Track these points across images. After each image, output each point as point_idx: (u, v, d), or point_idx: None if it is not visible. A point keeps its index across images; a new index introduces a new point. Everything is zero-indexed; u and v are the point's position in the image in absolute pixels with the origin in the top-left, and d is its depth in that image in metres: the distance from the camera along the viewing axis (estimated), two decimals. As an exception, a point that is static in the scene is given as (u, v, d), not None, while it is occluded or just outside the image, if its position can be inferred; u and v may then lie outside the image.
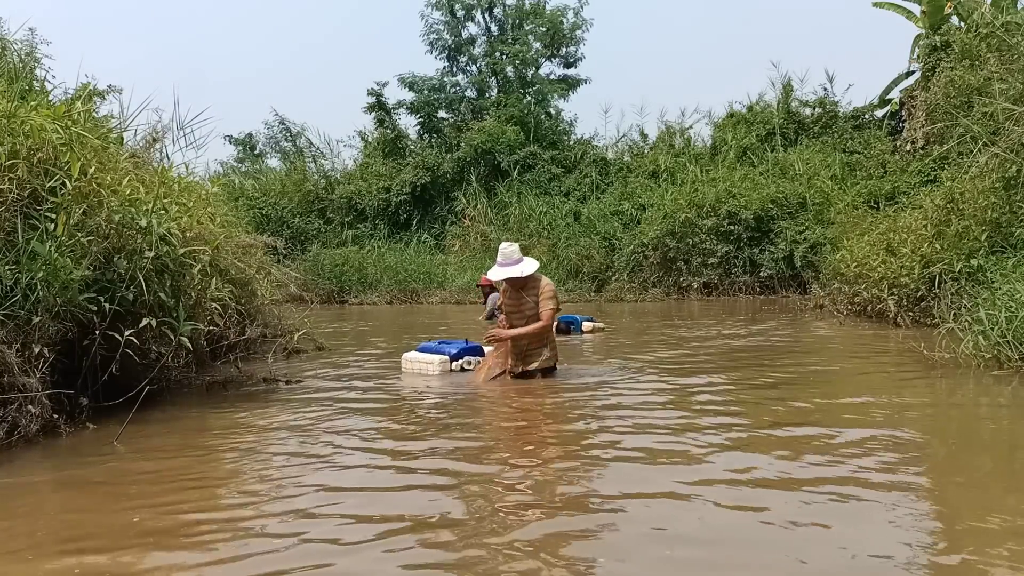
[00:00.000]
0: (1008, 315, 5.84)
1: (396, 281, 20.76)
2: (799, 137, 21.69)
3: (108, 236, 4.64)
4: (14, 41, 7.63)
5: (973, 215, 8.59)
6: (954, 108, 11.07)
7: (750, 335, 9.30)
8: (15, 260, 4.10)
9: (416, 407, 5.01)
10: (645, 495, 3.02)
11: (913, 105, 19.10)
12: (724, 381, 5.79)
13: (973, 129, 9.52)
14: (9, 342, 3.96)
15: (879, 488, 2.99)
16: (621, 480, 3.24)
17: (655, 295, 18.38)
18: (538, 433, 4.36)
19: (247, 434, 4.38)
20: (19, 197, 4.29)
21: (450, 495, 3.06)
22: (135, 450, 3.96)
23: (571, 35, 27.33)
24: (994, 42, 10.43)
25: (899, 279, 9.22)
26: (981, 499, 2.92)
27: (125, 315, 4.61)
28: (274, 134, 30.17)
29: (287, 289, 9.38)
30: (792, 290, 17.53)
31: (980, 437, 4.07)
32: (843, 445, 3.67)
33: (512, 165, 23.76)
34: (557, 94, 27.18)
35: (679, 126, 24.04)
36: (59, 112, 4.91)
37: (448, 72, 28.07)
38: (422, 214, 24.57)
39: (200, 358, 6.00)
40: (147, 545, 2.60)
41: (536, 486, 3.21)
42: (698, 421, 4.30)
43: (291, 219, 24.02)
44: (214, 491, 3.30)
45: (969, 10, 15.95)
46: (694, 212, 18.71)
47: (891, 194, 16.94)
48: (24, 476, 3.56)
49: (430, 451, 3.82)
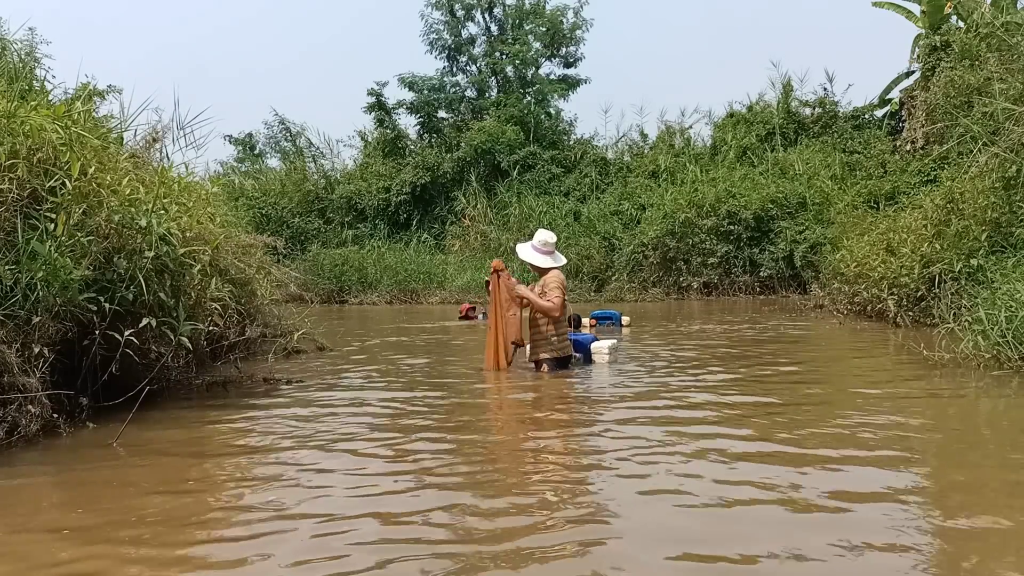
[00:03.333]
0: (1008, 315, 5.84)
1: (396, 281, 20.79)
2: (799, 137, 21.72)
3: (108, 236, 4.64)
4: (14, 41, 7.65)
5: (973, 215, 8.59)
6: (954, 108, 11.08)
7: (755, 333, 9.30)
8: (15, 260, 4.10)
9: (417, 407, 5.01)
10: (646, 493, 3.03)
11: (913, 105, 19.11)
12: (724, 380, 5.79)
13: (973, 129, 9.52)
14: (9, 342, 3.96)
15: (878, 489, 2.99)
16: (622, 488, 3.25)
17: (655, 295, 18.40)
18: (539, 434, 4.36)
19: (247, 434, 4.38)
20: (19, 197, 4.29)
21: (451, 497, 3.06)
22: (135, 450, 3.96)
23: (571, 35, 27.37)
24: (994, 42, 10.44)
25: (899, 279, 9.23)
26: (981, 499, 2.92)
27: (125, 315, 4.61)
28: (274, 134, 30.26)
29: (287, 289, 9.39)
30: (792, 290, 17.55)
31: (980, 437, 4.06)
32: (842, 445, 3.66)
33: (512, 165, 23.77)
34: (557, 94, 27.22)
35: (679, 126, 24.09)
36: (59, 112, 4.91)
37: (448, 72, 28.12)
38: (422, 214, 24.59)
39: (200, 358, 5.99)
40: (147, 545, 2.60)
41: (542, 488, 3.21)
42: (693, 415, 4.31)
43: (291, 219, 24.06)
44: (214, 491, 3.30)
45: (969, 10, 15.96)
46: (694, 212, 18.73)
47: (891, 194, 16.96)
48: (24, 476, 3.56)
49: (431, 451, 3.81)
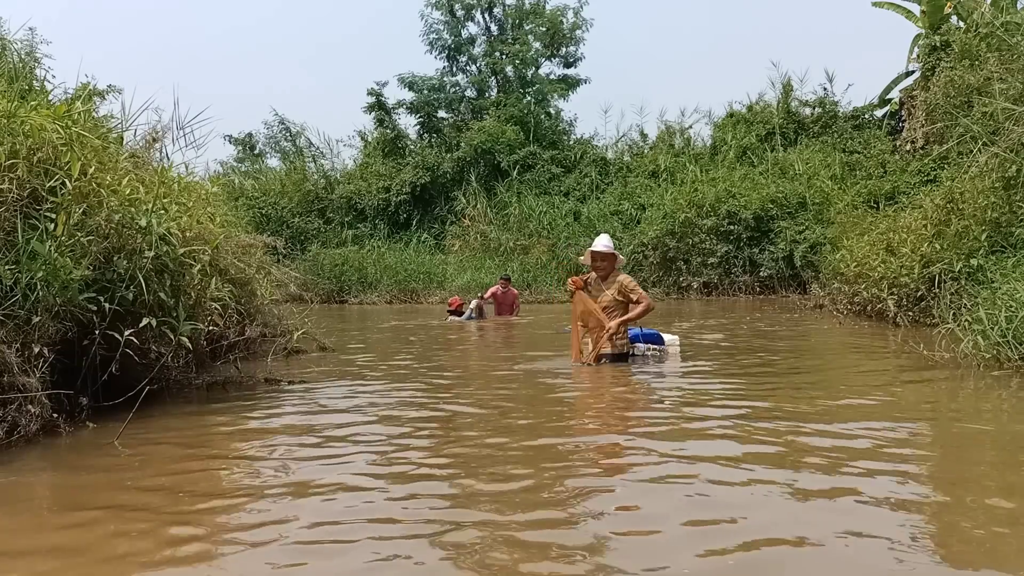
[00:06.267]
0: (1008, 315, 5.84)
1: (396, 281, 20.78)
2: (799, 137, 21.72)
3: (108, 236, 4.63)
4: (14, 41, 7.64)
5: (973, 215, 8.60)
6: (954, 108, 11.07)
7: (755, 333, 9.30)
8: (15, 260, 4.10)
9: (419, 408, 5.00)
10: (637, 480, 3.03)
11: (913, 105, 19.12)
12: (722, 379, 5.79)
13: (973, 129, 9.52)
14: (9, 342, 3.96)
15: (877, 487, 2.99)
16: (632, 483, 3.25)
17: (655, 295, 18.36)
18: (540, 436, 4.35)
19: (247, 434, 4.38)
20: (19, 197, 4.29)
21: (453, 498, 3.06)
22: (135, 450, 3.96)
23: (571, 35, 27.37)
24: (994, 42, 10.44)
25: (899, 279, 9.23)
26: (981, 498, 2.92)
27: (125, 315, 4.60)
28: (274, 134, 30.28)
29: (287, 289, 9.38)
30: (792, 290, 17.56)
31: (979, 436, 4.06)
32: (843, 445, 3.66)
33: (512, 165, 23.76)
34: (557, 94, 27.22)
35: (679, 126, 24.10)
36: (59, 112, 4.91)
37: (448, 72, 28.12)
38: (422, 214, 24.59)
39: (200, 358, 5.98)
40: (147, 545, 2.60)
41: (549, 491, 3.20)
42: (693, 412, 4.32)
43: (291, 219, 24.06)
44: (214, 491, 3.30)
45: (969, 10, 15.97)
46: (694, 212, 18.74)
47: (891, 194, 16.98)
48: (24, 476, 3.56)
49: (433, 452, 3.81)
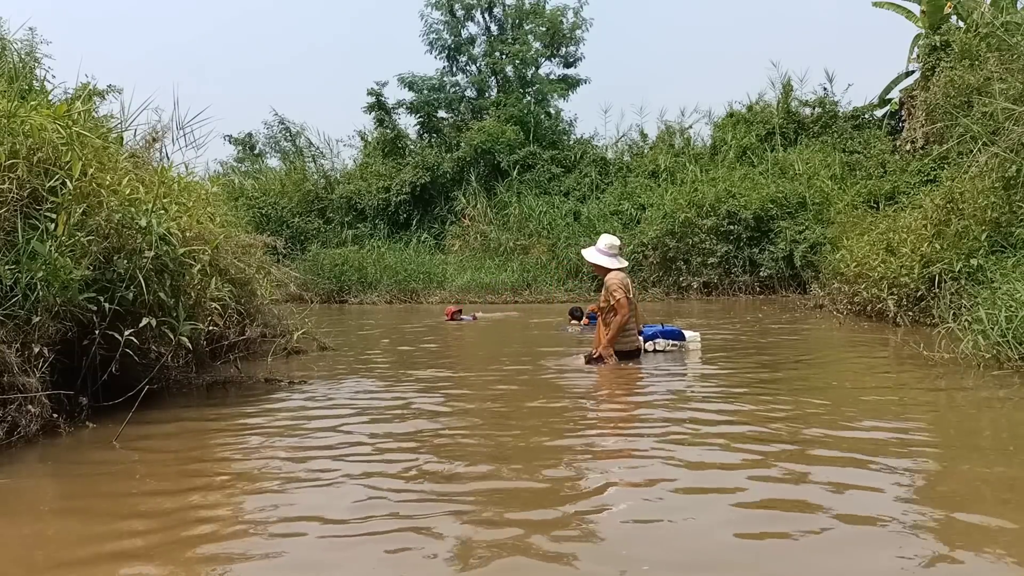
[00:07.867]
0: (1008, 315, 5.84)
1: (396, 281, 20.77)
2: (799, 137, 21.70)
3: (108, 236, 4.64)
4: (14, 41, 7.64)
5: (973, 215, 8.59)
6: (954, 108, 11.06)
7: (755, 333, 9.29)
8: (15, 260, 4.10)
9: (420, 407, 5.00)
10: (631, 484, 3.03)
11: (913, 105, 19.11)
12: (722, 379, 5.79)
13: (973, 129, 9.52)
14: (9, 342, 3.96)
15: (877, 486, 3.00)
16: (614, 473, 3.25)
17: (655, 295, 18.39)
18: (541, 435, 4.35)
19: (247, 435, 4.37)
20: (19, 197, 4.29)
21: (453, 499, 3.06)
22: (135, 450, 3.96)
23: (571, 35, 27.32)
24: (994, 42, 10.43)
25: (899, 279, 9.23)
26: (981, 497, 2.92)
27: (125, 315, 4.61)
28: (274, 134, 30.24)
29: (287, 289, 9.38)
30: (792, 290, 17.54)
31: (979, 436, 4.06)
32: (842, 445, 3.66)
33: (512, 165, 23.75)
34: (557, 94, 27.18)
35: (679, 126, 24.07)
36: (59, 112, 4.91)
37: (448, 72, 28.07)
38: (422, 214, 24.57)
39: (200, 358, 5.99)
40: (147, 544, 2.60)
41: (549, 490, 3.21)
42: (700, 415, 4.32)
43: (291, 219, 24.03)
44: (214, 491, 3.30)
45: (969, 10, 15.96)
46: (694, 212, 18.73)
47: (891, 194, 16.96)
48: (24, 476, 3.56)
49: (434, 452, 3.81)
